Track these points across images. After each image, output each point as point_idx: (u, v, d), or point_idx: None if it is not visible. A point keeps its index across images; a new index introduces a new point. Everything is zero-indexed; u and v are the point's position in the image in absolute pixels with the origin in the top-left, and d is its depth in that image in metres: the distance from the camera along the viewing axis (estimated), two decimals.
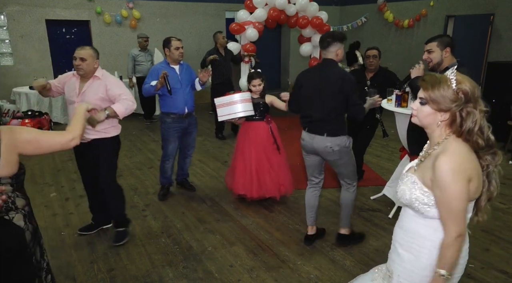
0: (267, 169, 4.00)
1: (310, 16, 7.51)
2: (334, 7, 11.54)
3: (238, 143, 4.14)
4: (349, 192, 3.23)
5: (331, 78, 2.95)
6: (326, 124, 2.99)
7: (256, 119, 4.01)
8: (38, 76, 8.28)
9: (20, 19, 8.02)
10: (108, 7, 8.77)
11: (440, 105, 1.46)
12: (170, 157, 4.22)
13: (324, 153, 3.05)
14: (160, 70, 3.95)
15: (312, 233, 3.40)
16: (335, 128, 2.99)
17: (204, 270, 3.04)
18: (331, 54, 2.99)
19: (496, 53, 8.14)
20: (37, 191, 4.52)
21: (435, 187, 1.47)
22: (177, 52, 3.98)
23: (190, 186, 4.56)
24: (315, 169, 3.26)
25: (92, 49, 3.14)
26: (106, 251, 3.30)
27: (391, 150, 6.01)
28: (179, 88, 4.02)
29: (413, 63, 3.20)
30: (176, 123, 4.08)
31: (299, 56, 8.96)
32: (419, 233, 1.59)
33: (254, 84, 3.94)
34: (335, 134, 2.98)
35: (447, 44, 2.70)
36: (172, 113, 4.05)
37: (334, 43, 2.96)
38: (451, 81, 1.45)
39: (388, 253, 1.82)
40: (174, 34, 9.19)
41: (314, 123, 3.04)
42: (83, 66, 3.06)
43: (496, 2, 8.12)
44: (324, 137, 2.99)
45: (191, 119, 4.22)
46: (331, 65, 3.01)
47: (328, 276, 2.95)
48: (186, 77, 4.12)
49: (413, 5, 9.71)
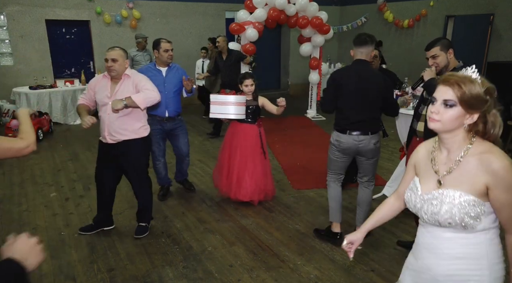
0: (250, 173, 3.97)
1: (310, 16, 7.52)
2: (334, 7, 11.54)
3: (226, 141, 4.13)
4: (369, 190, 3.31)
5: (373, 79, 3.03)
6: (370, 123, 3.08)
7: (248, 122, 3.98)
8: (38, 76, 8.33)
9: (20, 19, 8.02)
10: (108, 7, 8.77)
11: (473, 106, 1.34)
12: (158, 157, 4.19)
13: (368, 151, 3.12)
14: (144, 71, 3.86)
15: (339, 230, 3.36)
16: (377, 126, 3.13)
17: (204, 270, 3.04)
18: (365, 54, 3.05)
19: (496, 53, 8.14)
20: (37, 191, 4.52)
21: (500, 190, 1.33)
22: (166, 54, 3.90)
23: (190, 185, 4.55)
24: (344, 166, 3.30)
25: (122, 50, 3.21)
26: (106, 251, 3.30)
27: (391, 150, 6.01)
28: (161, 92, 3.81)
29: (413, 63, 3.21)
30: (157, 125, 4.00)
31: (299, 56, 8.96)
32: (472, 255, 1.40)
33: (246, 84, 3.90)
34: (377, 131, 3.13)
35: (449, 46, 2.71)
36: (151, 115, 3.95)
37: (371, 43, 3.03)
38: (476, 80, 1.36)
39: None
40: (174, 34, 9.27)
41: (358, 124, 3.04)
42: (115, 66, 3.12)
43: (496, 2, 8.12)
44: (370, 136, 3.08)
45: (175, 123, 4.12)
46: (369, 66, 3.11)
47: (328, 276, 2.95)
48: (173, 81, 4.00)
49: (413, 5, 9.71)
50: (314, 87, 8.51)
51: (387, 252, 3.22)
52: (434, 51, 2.72)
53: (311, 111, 8.61)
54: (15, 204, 4.20)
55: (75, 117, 7.94)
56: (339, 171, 3.31)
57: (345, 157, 3.21)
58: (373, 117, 3.09)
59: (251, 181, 3.98)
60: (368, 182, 3.30)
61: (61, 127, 7.62)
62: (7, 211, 4.04)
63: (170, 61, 4.00)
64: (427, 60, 2.78)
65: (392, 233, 3.53)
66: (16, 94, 7.56)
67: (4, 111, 7.59)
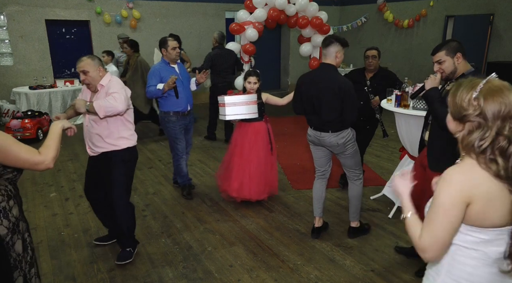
0: (261, 171, 4.00)
1: (310, 16, 7.51)
2: (334, 7, 11.54)
3: (236, 143, 4.08)
4: (355, 185, 3.38)
5: (326, 84, 3.07)
6: (329, 124, 3.16)
7: (255, 120, 3.99)
8: (38, 76, 8.32)
9: (20, 19, 8.02)
10: (108, 7, 8.77)
11: (453, 111, 1.32)
12: (183, 154, 4.25)
13: (330, 147, 3.26)
14: (161, 70, 3.97)
15: (319, 225, 3.49)
16: (338, 125, 3.15)
17: (204, 270, 3.04)
18: (330, 56, 3.09)
19: (496, 53, 8.14)
20: (37, 191, 4.52)
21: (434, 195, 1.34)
22: (174, 52, 4.00)
23: (189, 192, 4.34)
24: (323, 160, 3.41)
25: (90, 58, 2.89)
26: (106, 251, 3.30)
27: (391, 150, 6.01)
28: (180, 87, 4.06)
29: (413, 63, 3.19)
30: (181, 121, 4.14)
31: (299, 56, 8.96)
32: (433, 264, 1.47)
33: (250, 81, 3.91)
34: (339, 130, 3.16)
35: (457, 50, 2.45)
36: (175, 112, 4.08)
37: (334, 43, 3.05)
38: (476, 88, 1.27)
39: None
40: None
41: (318, 125, 3.24)
42: (88, 78, 2.88)
43: (496, 2, 8.12)
44: (330, 133, 3.18)
45: (191, 116, 4.28)
46: (330, 70, 3.11)
47: (328, 276, 2.95)
48: (185, 75, 4.18)
49: (412, 5, 9.71)
50: None
51: (387, 252, 3.22)
52: (439, 56, 2.49)
53: None
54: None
55: (75, 117, 7.90)
56: (319, 166, 3.45)
57: (317, 149, 3.37)
58: (330, 121, 3.13)
59: (265, 179, 4.04)
60: (353, 176, 3.37)
61: None
62: None
63: (178, 58, 4.10)
64: (434, 64, 2.57)
65: (392, 233, 3.53)
66: (16, 94, 7.55)
67: (4, 111, 7.59)
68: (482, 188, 1.26)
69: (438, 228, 1.28)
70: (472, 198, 1.26)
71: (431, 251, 1.30)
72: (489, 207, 1.27)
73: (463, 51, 2.47)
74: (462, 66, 2.48)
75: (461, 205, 1.27)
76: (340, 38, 3.11)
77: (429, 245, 1.29)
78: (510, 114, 1.23)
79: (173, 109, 4.07)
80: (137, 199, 4.34)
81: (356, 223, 3.46)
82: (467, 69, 2.49)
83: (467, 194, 1.26)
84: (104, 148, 2.98)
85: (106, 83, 2.92)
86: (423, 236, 1.31)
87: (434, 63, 2.55)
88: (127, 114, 3.02)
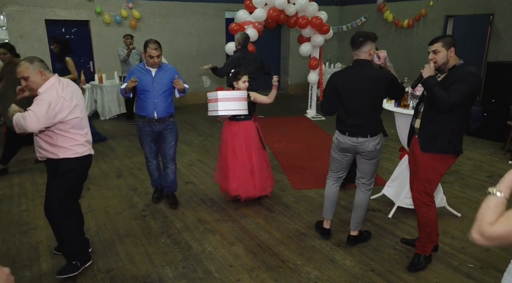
0: (258, 167, 4.02)
1: (309, 16, 7.52)
2: (334, 7, 11.54)
3: (226, 142, 4.05)
4: (365, 194, 3.27)
5: (370, 81, 2.98)
6: (368, 126, 3.05)
7: (243, 118, 3.99)
8: None
9: (20, 19, 8.01)
10: (108, 7, 8.77)
11: None
12: (150, 159, 4.10)
13: (368, 152, 3.10)
14: (134, 71, 3.82)
15: (329, 227, 3.48)
16: (376, 128, 3.09)
17: (203, 270, 3.04)
18: (364, 54, 2.98)
19: (496, 53, 8.14)
20: (37, 191, 4.52)
21: None
22: (150, 60, 3.70)
23: (173, 202, 4.17)
24: (345, 165, 3.31)
25: (29, 61, 2.61)
26: (106, 251, 3.30)
27: (391, 150, 6.01)
28: (149, 91, 3.77)
29: (413, 63, 3.20)
30: (147, 127, 3.87)
31: (298, 56, 8.97)
32: None
33: (244, 80, 3.88)
34: (376, 133, 3.09)
35: (452, 44, 2.74)
36: (140, 115, 3.91)
37: (366, 42, 2.94)
38: None
39: None
40: (174, 34, 9.27)
41: (354, 127, 3.07)
42: (30, 84, 2.62)
43: (495, 2, 8.12)
44: (368, 139, 3.06)
45: (165, 124, 3.91)
46: (367, 66, 3.01)
47: (327, 276, 2.95)
48: (163, 81, 3.81)
49: (412, 5, 9.71)
50: (314, 87, 8.52)
51: (387, 252, 3.22)
52: (436, 46, 2.75)
53: (310, 111, 8.60)
54: (15, 204, 4.20)
55: None
56: (338, 171, 3.33)
57: (345, 157, 3.23)
58: (371, 120, 3.06)
59: (264, 175, 4.05)
60: (366, 184, 3.25)
61: None
62: (7, 211, 4.04)
63: (155, 67, 3.77)
64: (428, 54, 2.82)
65: (392, 233, 3.53)
66: None
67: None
68: None
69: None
70: None
71: (491, 241, 1.22)
72: None
73: (455, 47, 2.77)
74: (453, 59, 2.77)
75: None
76: (368, 34, 2.95)
77: (495, 237, 1.20)
78: None
79: (138, 112, 3.92)
80: (137, 199, 4.34)
81: (357, 232, 3.37)
82: (457, 62, 2.78)
83: None
84: (43, 154, 2.79)
85: (43, 90, 2.62)
86: (497, 226, 1.19)
87: (430, 52, 2.81)
88: (67, 124, 2.69)
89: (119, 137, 6.88)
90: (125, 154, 5.94)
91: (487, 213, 1.23)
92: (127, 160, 5.67)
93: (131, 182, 4.83)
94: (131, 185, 4.71)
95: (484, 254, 3.18)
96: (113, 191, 4.56)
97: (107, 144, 6.48)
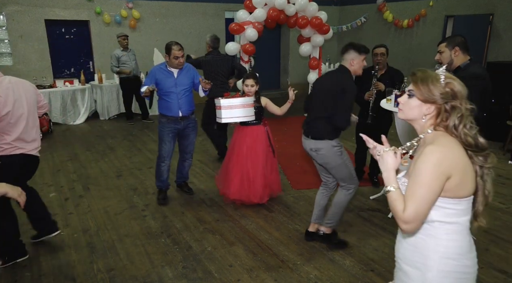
0: (262, 174, 3.97)
1: (309, 16, 7.52)
2: (334, 7, 11.54)
3: (234, 146, 4.07)
4: (342, 194, 3.21)
5: (329, 83, 3.03)
6: (313, 126, 3.08)
7: (253, 123, 3.97)
8: (38, 76, 8.30)
9: (20, 19, 8.01)
10: (108, 7, 8.76)
11: (427, 96, 1.48)
12: (165, 159, 4.12)
13: (310, 155, 3.18)
14: (157, 72, 3.94)
15: (312, 230, 3.42)
16: (321, 132, 3.03)
17: (203, 270, 3.04)
18: (345, 61, 3.01)
19: (496, 53, 8.14)
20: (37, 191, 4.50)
21: (413, 171, 1.43)
22: (175, 61, 3.87)
23: (189, 189, 4.47)
24: (321, 169, 3.31)
25: None
26: (106, 251, 3.30)
27: None
28: (173, 92, 3.94)
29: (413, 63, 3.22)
30: (171, 124, 4.02)
31: (298, 56, 8.96)
32: (419, 245, 1.53)
33: (247, 84, 3.87)
34: (319, 138, 3.04)
35: (456, 44, 2.74)
36: (163, 115, 4.04)
37: (350, 51, 2.95)
38: (440, 76, 1.49)
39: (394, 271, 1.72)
40: (174, 34, 9.26)
41: (306, 125, 3.17)
42: None
43: (495, 2, 8.13)
44: (309, 139, 3.11)
45: (188, 121, 4.11)
46: (340, 71, 3.04)
47: (327, 276, 2.95)
48: (184, 81, 4.01)
49: (412, 5, 9.71)
50: None
51: (387, 252, 3.22)
52: (441, 47, 2.82)
53: None
54: (15, 204, 4.19)
55: (74, 117, 7.94)
56: (321, 173, 3.36)
57: (314, 160, 3.27)
58: (317, 124, 3.03)
59: (264, 182, 4.01)
60: (342, 186, 3.19)
61: (60, 127, 7.62)
62: None
63: (180, 67, 3.95)
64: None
65: (392, 233, 3.52)
66: None
67: None
68: (459, 161, 1.41)
69: (421, 200, 1.39)
70: (452, 171, 1.39)
71: (415, 222, 1.41)
72: (465, 178, 1.42)
73: (463, 47, 2.72)
74: (459, 59, 2.74)
75: (443, 178, 1.39)
76: (356, 45, 2.97)
77: (414, 218, 1.39)
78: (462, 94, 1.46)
79: (164, 112, 4.03)
80: (137, 199, 4.34)
81: (328, 230, 3.30)
82: (463, 62, 2.76)
83: (447, 168, 1.39)
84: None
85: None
86: (407, 209, 1.39)
87: (437, 52, 2.87)
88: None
89: (119, 137, 6.88)
90: (125, 154, 5.94)
91: (396, 205, 1.43)
92: (127, 160, 5.67)
93: (131, 182, 4.83)
94: (131, 185, 4.71)
95: (483, 254, 3.18)
96: (113, 191, 4.56)
97: (107, 144, 6.47)
